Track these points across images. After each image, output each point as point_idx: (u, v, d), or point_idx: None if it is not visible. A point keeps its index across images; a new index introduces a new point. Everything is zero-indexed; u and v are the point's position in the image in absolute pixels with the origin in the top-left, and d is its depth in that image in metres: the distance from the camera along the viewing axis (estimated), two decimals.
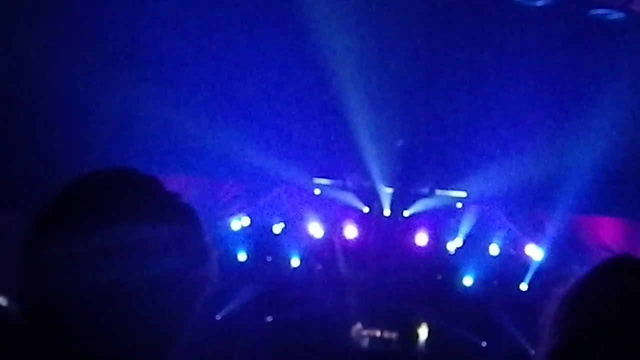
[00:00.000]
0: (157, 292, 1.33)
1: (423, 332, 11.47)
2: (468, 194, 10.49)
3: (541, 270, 10.45)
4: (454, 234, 10.80)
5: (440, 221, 10.86)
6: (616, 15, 8.60)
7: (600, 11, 8.58)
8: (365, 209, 10.78)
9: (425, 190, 10.62)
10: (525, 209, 10.51)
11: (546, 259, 10.43)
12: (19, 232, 1.39)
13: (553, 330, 1.44)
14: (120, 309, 1.31)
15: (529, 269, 10.63)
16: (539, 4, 8.53)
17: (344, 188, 10.73)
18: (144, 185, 1.41)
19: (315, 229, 10.86)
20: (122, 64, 8.15)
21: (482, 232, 10.78)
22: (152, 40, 8.31)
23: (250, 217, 10.74)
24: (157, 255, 1.32)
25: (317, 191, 10.71)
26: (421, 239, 10.86)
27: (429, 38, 8.80)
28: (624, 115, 8.46)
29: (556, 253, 10.23)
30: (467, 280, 11.00)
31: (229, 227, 10.57)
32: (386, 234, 10.92)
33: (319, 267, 11.23)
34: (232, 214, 10.58)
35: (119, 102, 8.23)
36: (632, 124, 8.53)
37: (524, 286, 10.72)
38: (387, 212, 10.67)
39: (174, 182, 1.58)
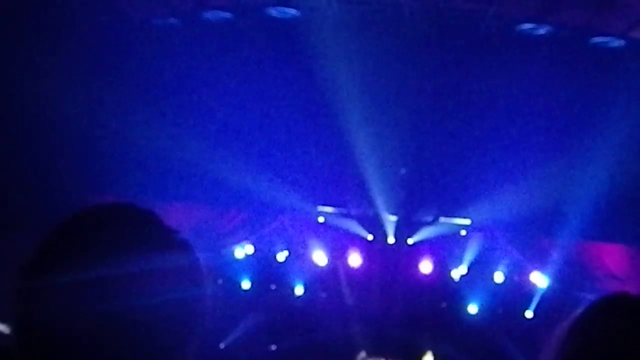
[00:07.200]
0: (153, 321, 1.33)
1: None
2: (472, 222, 10.48)
3: (546, 297, 10.39)
4: (458, 262, 10.76)
5: (445, 249, 10.83)
6: (617, 42, 8.66)
7: (601, 39, 8.64)
8: (370, 237, 10.76)
9: (429, 217, 10.62)
10: (529, 236, 10.47)
11: (551, 286, 10.38)
12: (19, 257, 1.40)
13: None
14: (117, 339, 1.31)
15: (534, 297, 10.57)
16: (540, 32, 8.60)
17: (348, 216, 10.73)
18: (141, 218, 1.43)
19: (320, 257, 10.84)
20: (128, 95, 8.21)
21: (487, 259, 10.73)
22: (156, 70, 8.38)
23: (254, 245, 10.73)
24: (152, 285, 1.34)
25: (321, 219, 10.71)
26: (425, 266, 10.82)
27: (432, 67, 8.86)
28: (627, 142, 8.47)
29: (561, 280, 10.17)
30: (472, 308, 10.94)
31: (232, 255, 10.56)
32: (390, 261, 10.89)
33: (323, 295, 11.19)
34: (236, 242, 10.57)
35: (124, 131, 8.28)
36: (635, 151, 8.54)
37: (529, 313, 10.65)
38: (391, 239, 10.65)
39: (178, 210, 1.60)
